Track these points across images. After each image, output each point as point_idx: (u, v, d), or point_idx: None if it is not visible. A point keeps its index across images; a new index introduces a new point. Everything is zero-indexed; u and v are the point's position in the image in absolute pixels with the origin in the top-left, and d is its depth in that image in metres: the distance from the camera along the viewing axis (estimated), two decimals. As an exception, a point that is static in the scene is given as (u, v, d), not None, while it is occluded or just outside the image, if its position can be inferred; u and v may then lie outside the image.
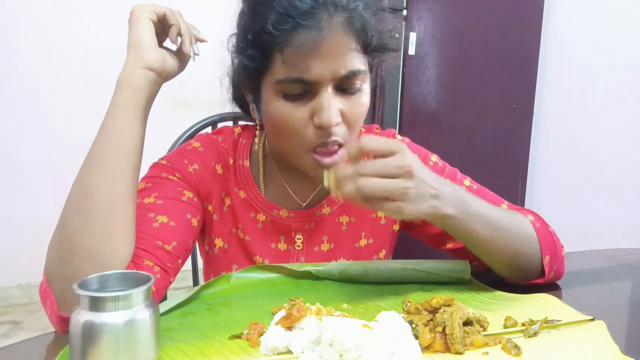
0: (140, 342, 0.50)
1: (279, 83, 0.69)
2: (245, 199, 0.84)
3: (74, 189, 0.65)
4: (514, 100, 2.12)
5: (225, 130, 0.88)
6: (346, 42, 0.67)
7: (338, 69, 0.67)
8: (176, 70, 0.72)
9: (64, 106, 2.53)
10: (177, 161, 0.80)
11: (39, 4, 2.46)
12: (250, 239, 0.84)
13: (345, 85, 0.70)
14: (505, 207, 0.83)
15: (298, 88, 0.69)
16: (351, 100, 0.71)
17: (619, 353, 0.55)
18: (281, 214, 0.84)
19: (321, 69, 0.67)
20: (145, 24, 0.68)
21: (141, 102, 0.67)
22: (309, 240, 0.85)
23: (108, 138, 0.65)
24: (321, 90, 0.68)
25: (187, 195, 0.78)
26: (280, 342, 0.54)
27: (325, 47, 0.66)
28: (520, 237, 0.74)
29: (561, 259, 0.79)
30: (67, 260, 0.62)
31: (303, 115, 0.70)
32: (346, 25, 0.67)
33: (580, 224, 2.08)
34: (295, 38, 0.65)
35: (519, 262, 0.75)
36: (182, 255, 0.75)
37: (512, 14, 2.06)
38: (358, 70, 0.69)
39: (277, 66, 0.68)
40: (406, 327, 0.56)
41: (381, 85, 1.91)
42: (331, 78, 0.68)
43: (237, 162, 0.85)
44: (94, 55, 2.44)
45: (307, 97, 0.69)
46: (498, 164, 2.13)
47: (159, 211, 0.73)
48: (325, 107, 0.68)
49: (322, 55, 0.66)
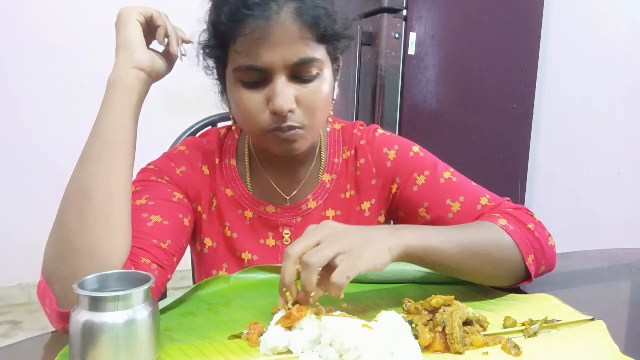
0: (140, 342, 0.50)
1: (235, 71, 0.73)
2: (232, 197, 0.86)
3: (71, 188, 0.66)
4: (514, 100, 2.12)
5: (210, 132, 0.92)
6: (296, 31, 0.70)
7: (289, 56, 0.70)
8: (165, 71, 0.75)
9: (64, 106, 2.53)
10: (165, 165, 0.83)
11: (39, 3, 2.46)
12: (238, 236, 0.86)
13: (300, 73, 0.72)
14: (486, 200, 0.82)
15: (254, 76, 0.72)
16: (308, 87, 0.73)
17: (619, 353, 0.55)
18: (268, 210, 0.86)
19: (271, 56, 0.70)
20: (134, 25, 0.70)
21: (133, 101, 0.69)
22: (297, 234, 0.86)
23: (103, 137, 0.67)
24: (275, 78, 0.71)
25: (178, 197, 0.80)
26: (280, 342, 0.55)
27: (275, 36, 0.69)
28: (497, 247, 0.72)
29: (550, 250, 0.77)
30: (67, 259, 0.62)
31: (259, 101, 0.73)
32: (296, 15, 0.70)
33: (580, 224, 2.08)
34: (246, 28, 0.68)
35: (500, 273, 0.74)
36: (177, 254, 0.76)
37: (512, 14, 2.06)
38: (312, 58, 0.72)
39: (233, 56, 0.72)
40: (406, 327, 0.56)
41: (381, 85, 1.91)
42: (283, 65, 0.71)
43: (223, 161, 0.88)
44: (94, 55, 2.43)
45: (263, 85, 0.72)
46: (498, 164, 2.13)
47: (152, 212, 0.74)
48: (278, 94, 0.71)
49: (272, 44, 0.69)
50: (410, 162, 0.87)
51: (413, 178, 0.85)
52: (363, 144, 0.89)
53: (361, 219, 0.88)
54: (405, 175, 0.86)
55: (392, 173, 0.87)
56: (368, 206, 0.88)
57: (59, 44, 2.51)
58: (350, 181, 0.88)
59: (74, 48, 2.52)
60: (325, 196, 0.88)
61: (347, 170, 0.89)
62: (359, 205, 0.88)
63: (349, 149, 0.89)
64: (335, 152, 0.89)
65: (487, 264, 0.72)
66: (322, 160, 0.89)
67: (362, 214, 0.88)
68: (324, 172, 0.88)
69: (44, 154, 2.53)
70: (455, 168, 0.88)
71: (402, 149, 0.88)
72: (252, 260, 0.86)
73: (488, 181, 0.89)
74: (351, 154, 0.89)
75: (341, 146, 0.90)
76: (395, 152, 0.88)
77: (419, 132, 1.95)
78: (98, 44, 2.40)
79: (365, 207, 0.88)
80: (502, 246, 0.73)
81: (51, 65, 2.52)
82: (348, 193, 0.88)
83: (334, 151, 0.89)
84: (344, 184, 0.88)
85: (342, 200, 0.88)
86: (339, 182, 0.88)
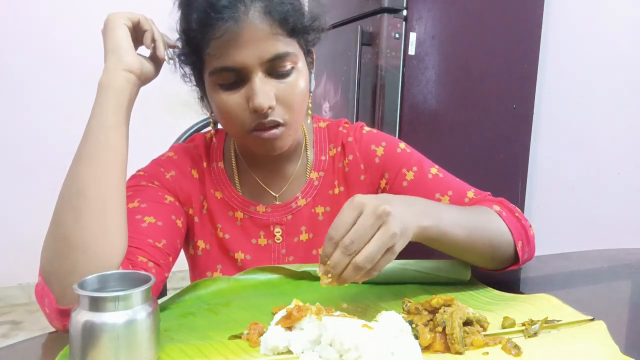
0: (140, 342, 0.50)
1: (211, 75, 0.74)
2: (222, 199, 0.88)
3: (66, 187, 0.67)
4: (514, 100, 2.12)
5: (197, 137, 0.93)
6: (266, 29, 0.71)
7: (262, 54, 0.71)
8: (152, 74, 0.76)
9: (64, 106, 2.53)
10: (154, 170, 0.84)
11: (39, 3, 2.46)
12: (230, 237, 0.87)
13: (275, 69, 0.74)
14: (472, 194, 0.86)
15: (230, 77, 0.73)
16: (285, 82, 0.75)
17: (619, 353, 0.55)
18: (258, 209, 0.88)
19: (245, 56, 0.71)
20: (121, 29, 0.71)
21: (124, 102, 0.71)
22: (288, 232, 0.88)
23: (96, 137, 0.68)
24: (252, 76, 0.72)
25: (169, 199, 0.81)
26: (280, 342, 0.55)
27: (246, 35, 0.70)
28: (494, 231, 0.76)
29: (532, 239, 0.81)
30: (64, 256, 0.63)
31: (239, 101, 0.74)
32: (264, 13, 0.71)
33: (580, 224, 2.07)
34: (216, 31, 0.69)
35: (496, 255, 0.77)
36: (172, 254, 0.77)
37: (512, 14, 2.05)
38: (285, 53, 0.73)
39: (207, 60, 0.73)
40: (406, 327, 0.56)
41: (381, 85, 1.91)
42: (258, 63, 0.72)
43: (211, 164, 0.89)
44: (95, 55, 2.42)
45: (241, 85, 0.74)
46: (498, 164, 2.13)
47: (145, 213, 0.75)
48: (257, 92, 0.72)
49: (244, 43, 0.70)
50: (397, 158, 0.89)
51: (402, 173, 0.88)
52: (351, 140, 0.91)
53: None
54: (394, 170, 0.88)
55: (380, 169, 0.89)
56: None
57: (59, 44, 2.51)
58: (338, 177, 0.90)
59: (74, 48, 2.52)
60: (314, 193, 0.89)
61: (334, 167, 0.91)
62: None
63: (334, 146, 0.91)
64: (321, 150, 0.91)
65: (487, 247, 0.75)
66: (309, 158, 0.90)
67: None
68: (312, 169, 0.90)
69: (44, 154, 2.53)
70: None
71: (389, 145, 0.90)
72: (245, 260, 0.87)
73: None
74: (337, 150, 0.91)
75: (327, 144, 0.92)
76: (382, 149, 0.90)
77: (419, 132, 1.95)
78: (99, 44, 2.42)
79: None
80: (499, 230, 0.76)
81: (52, 65, 2.52)
82: (336, 189, 0.90)
83: (320, 149, 0.91)
84: (331, 180, 0.90)
85: (331, 196, 0.90)
86: (327, 178, 0.90)
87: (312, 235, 0.89)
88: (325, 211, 0.89)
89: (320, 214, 0.89)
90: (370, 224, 0.58)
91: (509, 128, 2.13)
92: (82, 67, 2.51)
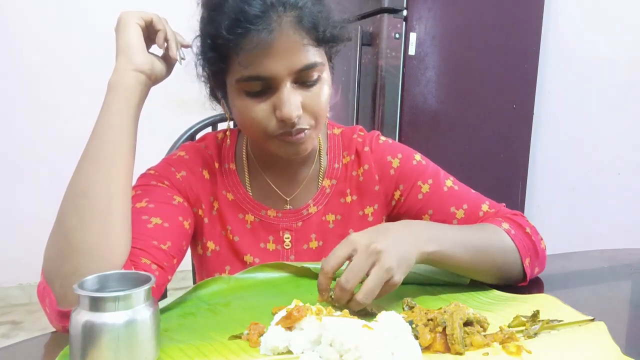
0: (140, 343, 0.50)
1: (238, 82, 0.72)
2: (233, 201, 0.87)
3: (71, 187, 0.66)
4: (514, 100, 2.12)
5: (208, 137, 0.92)
6: (297, 39, 0.70)
7: (293, 64, 0.70)
8: (164, 74, 0.76)
9: (64, 106, 2.53)
10: (165, 170, 0.83)
11: (40, 4, 2.46)
12: (239, 240, 0.86)
13: (303, 79, 0.73)
14: (486, 207, 0.86)
15: (258, 85, 0.72)
16: (311, 91, 0.74)
17: (619, 353, 0.55)
18: (269, 214, 0.87)
19: (276, 66, 0.70)
20: (133, 29, 0.71)
21: (133, 102, 0.70)
22: (298, 238, 0.87)
23: (103, 137, 0.67)
24: (280, 86, 0.71)
25: (178, 200, 0.80)
26: (280, 342, 0.54)
27: (278, 46, 0.69)
28: (501, 251, 0.76)
29: (542, 253, 0.81)
30: (67, 257, 0.63)
31: (265, 109, 0.73)
32: (296, 23, 0.70)
33: (580, 224, 2.07)
34: (248, 41, 0.68)
35: (503, 274, 0.77)
36: (177, 256, 0.76)
37: (512, 14, 2.06)
38: (314, 63, 0.72)
39: (235, 67, 0.72)
40: (406, 327, 0.56)
41: (381, 86, 1.91)
42: (287, 73, 0.71)
43: (222, 165, 0.88)
44: (95, 56, 2.44)
45: (268, 93, 0.73)
46: (498, 164, 2.13)
47: (152, 214, 0.74)
48: (285, 102, 0.71)
49: (276, 54, 0.69)
50: (413, 170, 0.88)
51: (417, 186, 0.87)
52: (367, 150, 0.90)
53: (363, 223, 0.89)
54: (409, 182, 0.88)
55: (395, 180, 0.89)
56: (371, 211, 0.89)
57: (62, 45, 2.51)
58: (350, 186, 0.89)
59: (77, 49, 2.52)
60: (325, 201, 0.89)
61: (346, 175, 0.90)
62: (362, 210, 0.89)
63: (348, 153, 0.91)
64: (335, 157, 0.91)
65: (492, 266, 0.76)
66: (322, 164, 0.90)
67: (365, 218, 0.89)
68: (324, 177, 0.89)
69: (45, 155, 2.53)
70: (456, 168, 0.89)
71: (405, 157, 0.90)
72: (254, 263, 0.86)
73: (488, 181, 0.89)
74: (351, 158, 0.90)
75: (341, 151, 0.91)
76: (398, 161, 0.89)
77: (419, 133, 1.95)
78: (102, 45, 2.42)
79: (368, 212, 0.89)
80: (505, 249, 0.77)
81: (53, 65, 2.52)
82: (348, 197, 0.89)
83: (334, 156, 0.91)
84: (343, 188, 0.89)
85: (342, 204, 0.89)
86: (339, 186, 0.89)
87: (321, 242, 0.88)
88: (336, 219, 0.89)
89: (330, 221, 0.88)
90: (363, 263, 0.62)
91: (509, 128, 2.13)
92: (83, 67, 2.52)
